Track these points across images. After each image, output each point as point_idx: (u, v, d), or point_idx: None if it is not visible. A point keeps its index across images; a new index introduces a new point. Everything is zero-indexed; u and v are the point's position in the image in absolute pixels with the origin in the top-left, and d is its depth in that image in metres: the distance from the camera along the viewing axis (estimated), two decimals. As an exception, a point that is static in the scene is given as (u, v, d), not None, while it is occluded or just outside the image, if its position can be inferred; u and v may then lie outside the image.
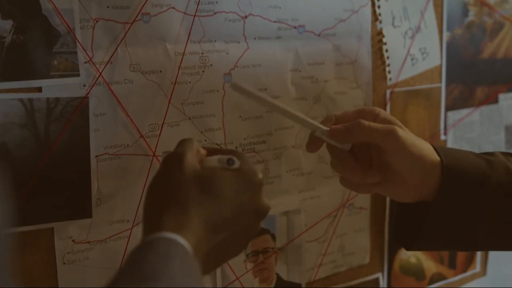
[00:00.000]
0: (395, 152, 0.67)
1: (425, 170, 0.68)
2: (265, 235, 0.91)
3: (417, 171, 0.68)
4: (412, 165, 0.68)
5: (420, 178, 0.69)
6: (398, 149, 0.67)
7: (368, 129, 0.67)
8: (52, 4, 0.68)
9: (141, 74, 0.76)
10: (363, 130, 0.68)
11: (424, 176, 0.69)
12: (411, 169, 0.68)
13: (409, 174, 0.68)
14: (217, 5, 0.80)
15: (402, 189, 0.70)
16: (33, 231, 0.71)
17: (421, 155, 0.68)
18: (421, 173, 0.68)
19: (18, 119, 0.68)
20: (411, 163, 0.68)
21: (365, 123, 0.68)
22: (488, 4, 1.10)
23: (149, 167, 0.78)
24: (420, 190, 0.70)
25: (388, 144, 0.67)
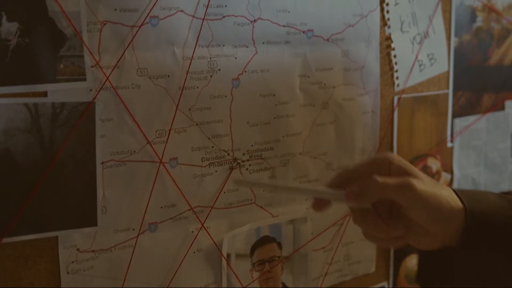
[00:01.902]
0: (413, 206, 0.64)
1: (447, 219, 0.66)
2: (272, 243, 0.89)
3: (439, 221, 0.65)
4: (433, 217, 0.65)
5: (443, 227, 0.66)
6: (416, 203, 0.64)
7: (382, 187, 0.64)
8: (59, 6, 0.66)
9: (148, 79, 0.74)
10: (378, 189, 0.64)
11: (446, 224, 0.66)
12: (432, 220, 0.65)
13: (430, 225, 0.65)
14: (226, 8, 0.79)
15: (425, 239, 0.67)
16: (37, 239, 0.69)
17: (441, 205, 0.65)
18: (443, 222, 0.66)
19: (23, 124, 0.66)
20: (432, 215, 0.65)
21: (378, 181, 0.64)
22: (496, 10, 1.09)
23: (155, 174, 0.76)
24: (443, 238, 0.67)
25: (406, 199, 0.64)
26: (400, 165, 0.67)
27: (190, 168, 0.79)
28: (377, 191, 0.64)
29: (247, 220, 0.86)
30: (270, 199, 0.88)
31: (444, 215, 0.65)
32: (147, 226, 0.77)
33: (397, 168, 0.67)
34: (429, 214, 0.64)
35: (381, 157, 0.69)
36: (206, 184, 0.81)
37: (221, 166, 0.82)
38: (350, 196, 0.65)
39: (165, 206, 0.78)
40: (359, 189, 0.65)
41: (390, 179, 0.64)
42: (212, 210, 0.82)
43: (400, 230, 0.67)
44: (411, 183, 0.63)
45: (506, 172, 1.17)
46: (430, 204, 0.64)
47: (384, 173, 0.66)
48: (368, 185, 0.64)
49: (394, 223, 0.67)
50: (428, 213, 0.64)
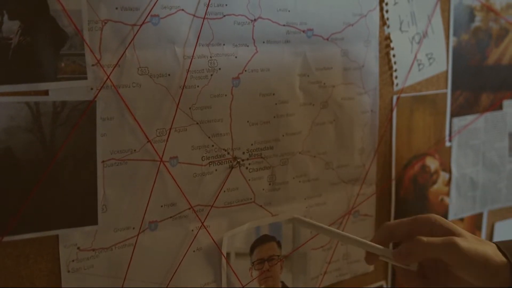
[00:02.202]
0: (459, 264, 0.67)
1: (492, 275, 0.67)
2: (271, 242, 0.89)
3: (484, 276, 0.67)
4: (479, 273, 0.67)
5: (488, 281, 0.68)
6: (462, 262, 0.66)
7: (428, 246, 0.67)
8: (61, 4, 0.66)
9: (149, 78, 0.74)
10: (424, 249, 0.67)
11: (492, 279, 0.67)
12: (478, 277, 0.67)
13: (476, 280, 0.67)
14: (226, 7, 0.79)
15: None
16: (37, 238, 0.69)
17: (486, 262, 0.67)
18: (488, 277, 0.67)
19: (24, 123, 0.66)
20: (477, 272, 0.67)
21: (423, 241, 0.67)
22: (495, 9, 1.09)
23: (156, 173, 0.76)
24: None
25: (451, 258, 0.66)
26: (442, 224, 0.70)
27: (190, 167, 0.79)
28: (423, 251, 0.67)
29: (247, 219, 0.86)
30: (270, 198, 0.88)
31: (489, 272, 0.67)
32: (147, 225, 0.77)
33: (440, 228, 0.70)
34: (474, 271, 0.67)
35: (422, 218, 0.72)
36: (206, 183, 0.81)
37: (221, 165, 0.82)
38: (398, 256, 0.69)
39: (165, 205, 0.78)
40: (405, 249, 0.69)
41: (435, 239, 0.67)
42: (212, 209, 0.82)
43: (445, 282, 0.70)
44: (456, 242, 0.66)
45: (504, 172, 1.18)
46: (475, 261, 0.66)
47: (425, 232, 0.69)
48: (414, 246, 0.68)
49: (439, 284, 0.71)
50: (474, 270, 0.67)
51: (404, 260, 0.70)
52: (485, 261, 0.67)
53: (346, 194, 0.97)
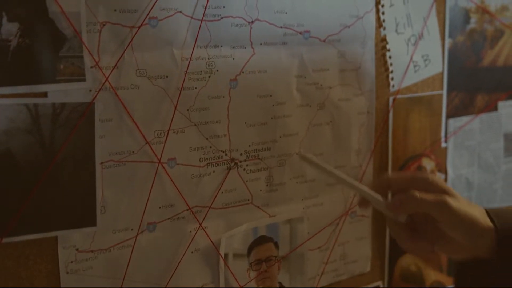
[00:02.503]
0: (448, 222, 0.70)
1: (478, 235, 0.71)
2: (269, 243, 0.89)
3: (470, 236, 0.71)
4: (465, 232, 0.71)
5: (474, 242, 0.71)
6: (451, 220, 0.70)
7: (420, 201, 0.71)
8: (59, 7, 0.66)
9: (147, 79, 0.74)
10: (416, 203, 0.71)
11: (478, 240, 0.71)
12: (464, 236, 0.71)
13: (462, 239, 0.71)
14: (224, 9, 0.79)
15: (455, 250, 0.74)
16: (36, 239, 0.69)
17: (473, 223, 0.71)
18: (474, 238, 0.71)
19: (24, 124, 0.66)
20: (464, 230, 0.71)
21: (417, 196, 0.71)
22: (489, 11, 1.10)
23: (154, 175, 0.76)
24: (473, 251, 0.72)
25: (441, 215, 0.70)
26: (438, 184, 0.73)
27: (188, 168, 0.80)
28: (415, 205, 0.71)
29: (244, 220, 0.86)
30: (267, 199, 0.88)
31: (476, 232, 0.71)
32: (145, 226, 0.77)
33: (435, 187, 0.73)
34: (461, 231, 0.71)
35: (420, 175, 0.75)
36: (204, 184, 0.81)
37: (218, 166, 0.82)
38: (390, 206, 0.73)
39: (163, 206, 0.78)
40: (398, 201, 0.72)
41: (428, 195, 0.71)
42: (210, 210, 0.82)
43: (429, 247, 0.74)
44: (447, 200, 0.70)
45: (499, 172, 1.18)
46: (463, 221, 0.70)
47: (421, 189, 0.72)
48: (407, 199, 0.71)
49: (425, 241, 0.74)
50: (461, 230, 0.71)
51: (395, 210, 0.73)
52: (472, 223, 0.70)
53: (343, 195, 0.97)
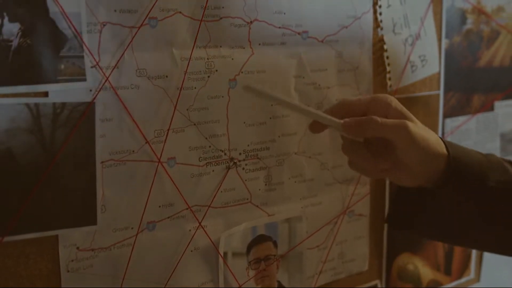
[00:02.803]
0: (405, 146, 0.70)
1: (432, 161, 0.72)
2: (267, 242, 0.90)
3: (424, 162, 0.72)
4: (420, 157, 0.71)
5: (426, 167, 0.73)
6: (408, 144, 0.70)
7: (379, 125, 0.70)
8: (60, 7, 0.67)
9: (147, 79, 0.75)
10: (375, 127, 0.70)
11: (430, 165, 0.73)
12: (418, 160, 0.72)
13: (416, 164, 0.72)
14: (223, 10, 0.80)
15: (407, 175, 0.74)
16: (37, 238, 0.70)
17: (428, 148, 0.72)
18: (427, 163, 0.72)
19: (25, 124, 0.66)
20: (419, 155, 0.71)
21: (377, 120, 0.70)
22: (486, 12, 1.11)
23: (154, 174, 0.77)
24: (424, 177, 0.74)
25: (399, 139, 0.70)
26: (397, 107, 0.73)
27: (187, 168, 0.80)
28: (374, 129, 0.70)
29: (243, 219, 0.87)
30: (266, 198, 0.89)
31: (430, 157, 0.72)
32: (145, 225, 0.78)
33: (394, 110, 0.73)
34: (416, 154, 0.71)
35: (380, 97, 0.74)
36: (203, 183, 0.82)
37: (218, 165, 0.83)
38: (346, 127, 0.71)
39: (163, 205, 0.79)
40: (356, 122, 0.71)
41: (388, 120, 0.71)
42: (209, 209, 0.83)
43: (386, 164, 0.73)
44: (406, 125, 0.70)
45: (496, 172, 1.19)
46: (419, 145, 0.71)
47: (381, 112, 0.73)
48: (366, 122, 0.70)
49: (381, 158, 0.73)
50: (416, 153, 0.71)
51: (352, 131, 0.72)
52: (428, 147, 0.72)
53: (341, 194, 0.98)
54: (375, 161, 0.73)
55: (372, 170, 0.75)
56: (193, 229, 0.82)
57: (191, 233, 0.82)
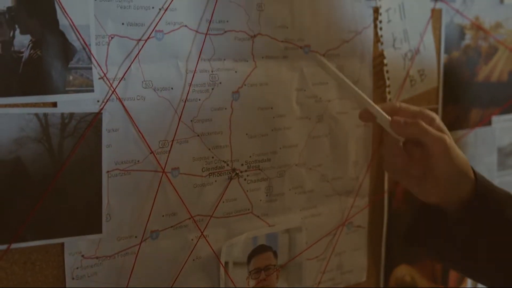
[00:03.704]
0: (440, 157, 0.75)
1: (459, 179, 0.76)
2: (268, 252, 0.91)
3: (453, 178, 0.76)
4: (450, 170, 0.75)
5: (453, 185, 0.76)
6: (443, 155, 0.75)
7: (424, 130, 0.75)
8: (70, 19, 0.69)
9: (153, 91, 0.76)
10: (420, 130, 0.75)
11: (457, 184, 0.77)
12: (449, 175, 0.75)
13: (445, 178, 0.76)
14: (227, 24, 0.82)
15: (434, 189, 0.77)
16: (44, 246, 0.71)
17: (460, 166, 0.77)
18: (455, 181, 0.76)
19: (33, 133, 0.68)
20: (451, 170, 0.75)
21: (423, 125, 0.75)
22: (484, 28, 1.13)
23: (158, 184, 0.78)
24: (449, 196, 0.77)
25: (437, 148, 0.75)
26: (439, 125, 0.79)
27: (191, 178, 0.82)
28: (419, 131, 0.75)
29: (245, 229, 0.88)
30: (267, 209, 0.90)
31: (459, 174, 0.77)
32: (149, 234, 0.79)
33: (437, 126, 0.78)
34: (448, 167, 0.75)
35: (427, 112, 0.80)
36: (206, 193, 0.83)
37: (220, 176, 0.84)
38: (395, 123, 0.77)
39: (166, 214, 0.80)
40: (405, 121, 0.76)
41: (431, 128, 0.76)
42: (211, 219, 0.84)
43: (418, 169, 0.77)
44: (446, 138, 0.75)
45: (493, 185, 1.21)
46: (453, 159, 0.76)
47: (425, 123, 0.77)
48: (413, 123, 0.76)
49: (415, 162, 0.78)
50: (448, 166, 0.75)
51: (398, 128, 0.76)
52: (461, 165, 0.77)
53: (340, 205, 0.99)
54: (409, 164, 0.77)
55: (403, 173, 0.79)
56: (195, 239, 0.83)
57: (193, 242, 0.83)
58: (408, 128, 0.76)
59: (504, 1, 1.14)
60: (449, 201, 0.77)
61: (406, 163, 0.77)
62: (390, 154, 0.79)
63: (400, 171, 0.79)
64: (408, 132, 0.76)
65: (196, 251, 0.83)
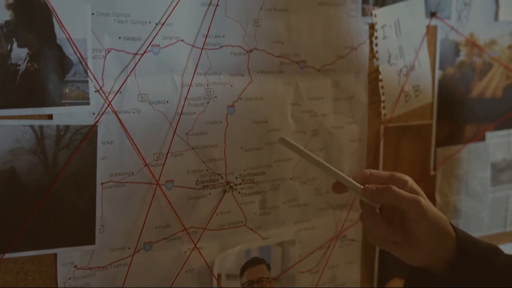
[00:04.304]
0: (417, 219, 0.74)
1: (441, 240, 0.75)
2: (261, 265, 0.92)
3: (434, 239, 0.75)
4: (431, 233, 0.74)
5: (435, 246, 0.75)
6: (420, 218, 0.74)
7: (397, 195, 0.74)
8: (67, 33, 0.70)
9: (148, 104, 0.77)
10: (393, 195, 0.74)
11: (439, 243, 0.75)
12: (429, 237, 0.75)
13: (426, 240, 0.75)
14: (223, 39, 0.82)
15: (417, 252, 0.76)
16: (37, 256, 0.72)
17: (439, 226, 0.75)
18: (437, 241, 0.75)
19: (29, 145, 0.69)
20: (430, 231, 0.74)
21: (395, 190, 0.74)
22: (478, 45, 1.14)
23: (152, 196, 0.79)
24: (432, 257, 0.76)
25: (413, 211, 0.74)
26: (412, 187, 0.78)
27: (185, 190, 0.82)
28: (391, 196, 0.74)
29: (238, 241, 0.89)
30: (261, 222, 0.91)
31: (439, 233, 0.75)
32: (142, 245, 0.80)
33: (410, 189, 0.77)
34: (427, 228, 0.74)
35: (398, 175, 0.79)
36: (199, 206, 0.84)
37: (214, 189, 0.85)
38: (367, 191, 0.76)
39: (160, 226, 0.81)
40: (376, 188, 0.75)
41: (404, 192, 0.75)
42: (205, 231, 0.85)
43: (398, 236, 0.76)
44: (420, 200, 0.74)
45: (486, 201, 1.22)
46: (432, 221, 0.74)
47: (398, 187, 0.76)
48: (385, 189, 0.75)
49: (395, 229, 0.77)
50: (427, 227, 0.74)
51: (371, 196, 0.75)
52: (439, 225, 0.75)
53: (334, 219, 1.00)
54: (389, 231, 0.76)
55: (385, 241, 0.78)
56: (189, 251, 0.84)
57: (186, 254, 0.84)
58: (380, 194, 0.75)
59: (498, 19, 1.15)
60: (435, 261, 0.77)
61: (385, 230, 0.76)
62: (369, 222, 0.78)
63: (381, 239, 0.78)
64: (380, 198, 0.76)
65: (189, 263, 0.84)
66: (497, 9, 1.16)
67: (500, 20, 1.16)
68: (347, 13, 0.95)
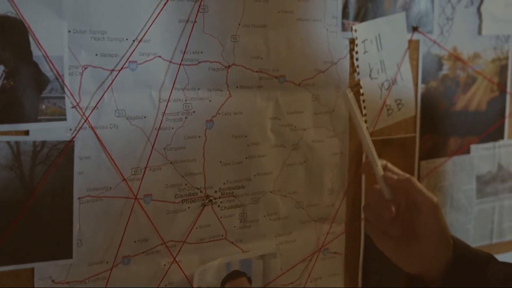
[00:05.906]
0: (429, 215, 0.77)
1: (441, 243, 0.78)
2: (241, 278, 0.92)
3: (436, 240, 0.77)
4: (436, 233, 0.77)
5: (435, 248, 0.78)
6: (432, 214, 0.77)
7: (416, 187, 0.78)
8: (43, 51, 0.71)
9: (126, 120, 0.78)
10: (413, 186, 0.78)
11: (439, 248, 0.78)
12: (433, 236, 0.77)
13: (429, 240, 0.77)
14: (201, 55, 0.84)
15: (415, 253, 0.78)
16: (14, 270, 0.72)
17: (444, 229, 0.79)
18: (437, 244, 0.78)
19: (5, 161, 0.70)
20: (436, 231, 0.77)
21: (416, 181, 0.79)
22: (462, 59, 1.15)
23: (130, 210, 0.80)
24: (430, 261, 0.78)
25: (427, 206, 0.77)
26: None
27: (163, 204, 0.83)
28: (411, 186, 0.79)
29: (218, 255, 0.89)
30: (241, 235, 0.91)
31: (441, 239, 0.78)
32: (120, 259, 0.80)
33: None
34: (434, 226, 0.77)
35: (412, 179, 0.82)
36: (178, 219, 0.85)
37: (193, 202, 0.86)
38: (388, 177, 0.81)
39: (138, 240, 0.82)
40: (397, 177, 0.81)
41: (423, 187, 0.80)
42: (184, 244, 0.86)
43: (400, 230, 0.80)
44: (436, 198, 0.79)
45: (472, 213, 1.22)
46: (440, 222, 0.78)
47: None
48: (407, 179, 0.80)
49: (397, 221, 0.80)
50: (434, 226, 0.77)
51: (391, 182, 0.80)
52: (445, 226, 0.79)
53: (315, 232, 1.01)
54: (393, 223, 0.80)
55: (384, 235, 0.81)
56: (168, 264, 0.85)
57: (165, 267, 0.84)
58: (400, 182, 0.79)
59: (482, 33, 1.16)
60: (431, 267, 0.78)
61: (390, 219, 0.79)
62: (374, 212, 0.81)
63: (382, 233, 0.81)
64: (400, 185, 0.80)
65: (168, 277, 0.85)
66: (480, 23, 1.17)
67: (483, 34, 1.17)
68: (327, 28, 0.96)
